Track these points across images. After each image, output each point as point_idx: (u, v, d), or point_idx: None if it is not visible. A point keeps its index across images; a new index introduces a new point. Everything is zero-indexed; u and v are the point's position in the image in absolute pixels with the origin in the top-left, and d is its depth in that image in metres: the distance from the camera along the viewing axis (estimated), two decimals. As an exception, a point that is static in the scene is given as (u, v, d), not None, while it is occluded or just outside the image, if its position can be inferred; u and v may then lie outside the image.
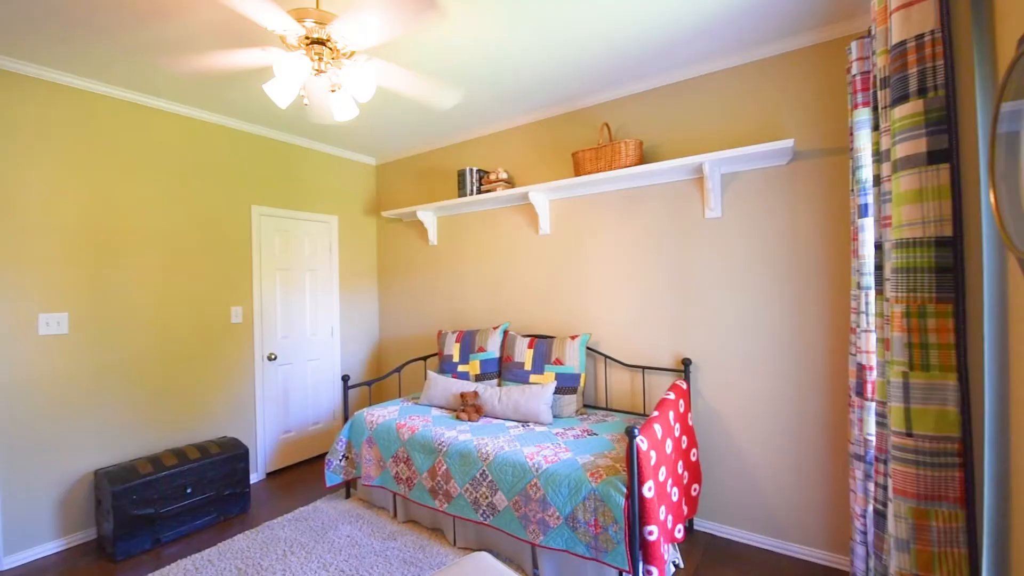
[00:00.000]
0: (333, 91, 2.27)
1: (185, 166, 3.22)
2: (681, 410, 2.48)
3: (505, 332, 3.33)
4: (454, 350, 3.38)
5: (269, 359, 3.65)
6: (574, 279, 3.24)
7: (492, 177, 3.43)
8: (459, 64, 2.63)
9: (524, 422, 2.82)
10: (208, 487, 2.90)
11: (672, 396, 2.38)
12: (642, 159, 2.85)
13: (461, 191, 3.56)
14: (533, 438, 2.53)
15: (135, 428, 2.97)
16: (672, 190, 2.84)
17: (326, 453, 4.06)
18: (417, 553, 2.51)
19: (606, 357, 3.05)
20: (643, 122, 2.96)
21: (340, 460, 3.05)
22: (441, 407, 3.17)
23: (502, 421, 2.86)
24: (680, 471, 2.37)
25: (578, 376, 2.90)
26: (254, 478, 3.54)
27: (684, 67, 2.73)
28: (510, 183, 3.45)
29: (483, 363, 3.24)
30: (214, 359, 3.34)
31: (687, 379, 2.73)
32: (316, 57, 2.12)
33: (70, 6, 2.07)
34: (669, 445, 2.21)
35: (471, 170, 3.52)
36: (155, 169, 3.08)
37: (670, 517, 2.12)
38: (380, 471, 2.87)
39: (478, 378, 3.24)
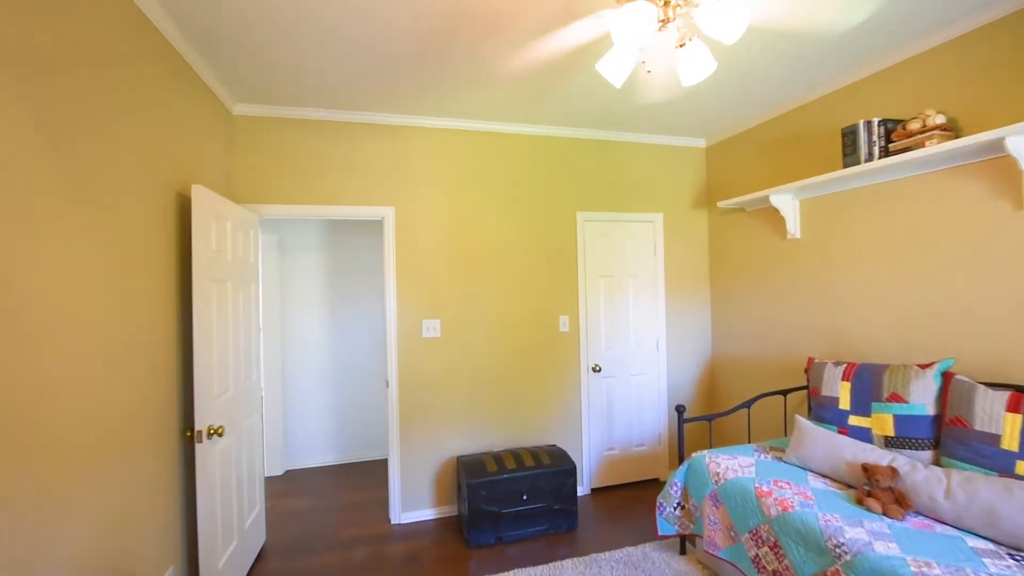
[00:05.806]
0: (682, 45, 1.72)
1: (516, 181, 3.33)
2: None
3: (946, 375, 2.05)
4: (840, 391, 2.32)
5: (594, 371, 3.46)
6: None
7: (914, 127, 2.17)
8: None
9: (1013, 549, 1.57)
10: (540, 497, 2.88)
11: None
12: None
13: (849, 157, 2.43)
14: (1063, 602, 1.31)
15: (483, 424, 3.24)
16: None
17: (650, 480, 3.63)
18: None
19: None
20: None
21: (674, 508, 2.51)
22: (822, 474, 2.19)
23: (957, 533, 1.68)
24: None
25: None
26: (580, 491, 3.43)
27: None
28: (950, 131, 2.12)
29: (900, 420, 2.07)
30: (544, 367, 3.36)
31: None
32: (662, 1, 1.60)
33: (421, 64, 2.23)
34: None
35: (869, 124, 2.34)
36: (493, 188, 3.28)
37: None
38: (729, 542, 2.17)
39: (889, 443, 2.10)
